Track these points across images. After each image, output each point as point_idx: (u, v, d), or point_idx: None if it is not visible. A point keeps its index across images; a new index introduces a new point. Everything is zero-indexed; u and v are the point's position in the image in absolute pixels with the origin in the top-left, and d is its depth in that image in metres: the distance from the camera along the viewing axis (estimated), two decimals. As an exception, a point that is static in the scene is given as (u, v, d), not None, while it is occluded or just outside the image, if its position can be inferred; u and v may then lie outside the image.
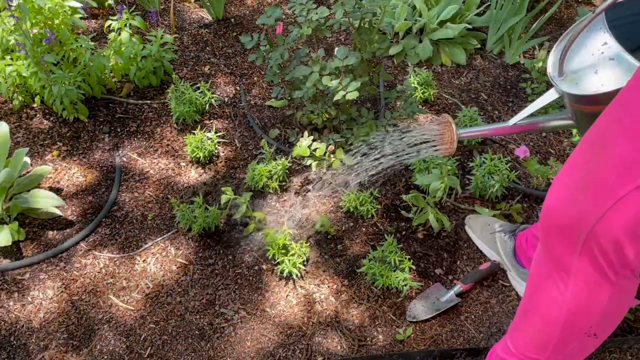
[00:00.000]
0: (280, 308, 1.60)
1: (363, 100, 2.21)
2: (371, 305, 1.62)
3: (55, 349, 1.48)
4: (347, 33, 2.53)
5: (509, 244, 1.66)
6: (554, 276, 1.06)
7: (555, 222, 1.01)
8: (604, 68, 1.13)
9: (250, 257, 1.71)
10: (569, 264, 1.00)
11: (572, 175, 0.99)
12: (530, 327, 1.17)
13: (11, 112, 2.04)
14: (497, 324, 1.59)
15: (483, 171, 1.85)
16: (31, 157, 1.90)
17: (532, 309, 1.15)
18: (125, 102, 2.14)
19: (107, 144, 1.99)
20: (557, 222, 1.00)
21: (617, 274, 0.96)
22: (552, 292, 1.07)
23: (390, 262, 1.64)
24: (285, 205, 1.84)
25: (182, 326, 1.54)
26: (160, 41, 2.11)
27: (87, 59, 1.96)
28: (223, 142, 2.02)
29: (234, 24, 2.54)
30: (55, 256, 1.67)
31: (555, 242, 1.03)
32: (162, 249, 1.71)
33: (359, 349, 1.53)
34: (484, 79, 2.37)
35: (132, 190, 1.86)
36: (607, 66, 1.13)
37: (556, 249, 1.03)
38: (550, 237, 1.04)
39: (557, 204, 1.00)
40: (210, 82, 2.23)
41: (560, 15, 2.78)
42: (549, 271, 1.07)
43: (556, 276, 1.05)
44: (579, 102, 1.18)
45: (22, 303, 1.57)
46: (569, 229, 0.97)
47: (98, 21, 2.46)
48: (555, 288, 1.06)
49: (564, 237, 0.99)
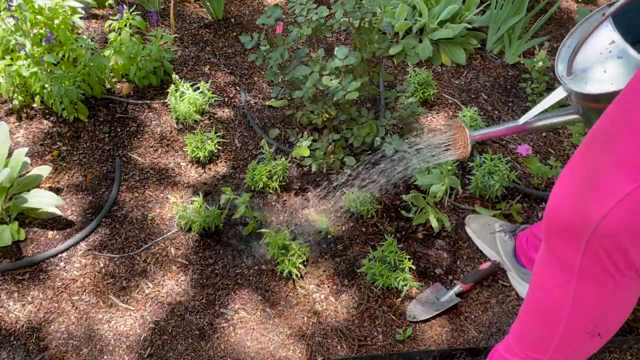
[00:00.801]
0: (280, 308, 1.60)
1: (363, 100, 2.21)
2: (371, 305, 1.62)
3: (55, 349, 1.48)
4: (347, 33, 2.53)
5: (509, 244, 1.66)
6: (558, 276, 1.05)
7: (558, 222, 1.00)
8: (612, 66, 1.13)
9: (250, 257, 1.71)
10: (573, 264, 1.00)
11: (575, 175, 0.98)
12: (532, 326, 1.17)
13: (11, 112, 2.04)
14: (497, 324, 1.59)
15: (483, 171, 1.85)
16: (31, 157, 1.90)
17: (535, 308, 1.15)
18: (125, 102, 2.14)
19: (107, 144, 1.99)
20: (560, 222, 1.00)
21: (622, 274, 0.96)
22: (555, 292, 1.07)
23: (390, 262, 1.64)
24: (285, 205, 1.84)
25: (182, 326, 1.54)
26: (160, 41, 2.11)
27: (87, 59, 1.96)
28: (223, 142, 2.02)
29: (234, 24, 2.54)
30: (55, 256, 1.67)
31: (559, 242, 1.02)
32: (162, 249, 1.71)
33: (359, 349, 1.53)
34: (484, 79, 2.37)
35: (132, 190, 1.86)
36: (615, 64, 1.13)
37: (560, 249, 1.02)
38: (554, 237, 1.03)
39: (560, 204, 1.00)
40: (210, 82, 2.23)
41: (560, 15, 2.78)
42: (552, 271, 1.07)
43: (560, 276, 1.05)
44: (589, 101, 1.18)
45: (22, 303, 1.57)
46: (572, 229, 0.97)
47: (98, 21, 2.46)
48: (559, 288, 1.05)
49: (567, 237, 0.99)
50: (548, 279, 1.09)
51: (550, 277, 1.08)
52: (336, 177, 1.90)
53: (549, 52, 2.49)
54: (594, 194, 0.92)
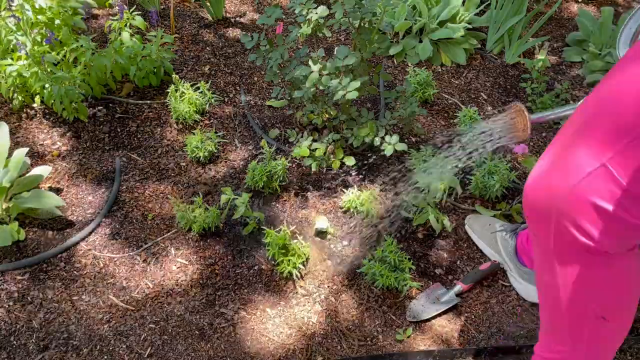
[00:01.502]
0: (280, 308, 1.60)
1: (363, 100, 2.21)
2: (371, 305, 1.62)
3: (55, 349, 1.48)
4: (347, 33, 2.53)
5: (510, 243, 1.66)
6: (543, 260, 1.07)
7: (530, 201, 1.03)
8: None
9: (250, 257, 1.71)
10: (548, 244, 1.01)
11: (548, 155, 1.01)
12: (544, 316, 1.18)
13: (11, 112, 2.04)
14: (497, 324, 1.59)
15: (483, 171, 1.85)
16: (31, 157, 1.90)
17: (541, 297, 1.16)
18: (125, 102, 2.14)
19: (107, 144, 1.99)
20: (532, 201, 1.02)
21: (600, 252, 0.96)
22: (545, 276, 1.08)
23: (390, 262, 1.64)
24: (285, 205, 1.84)
25: (182, 326, 1.54)
26: (160, 41, 2.11)
27: (87, 59, 1.96)
28: (223, 142, 2.02)
29: (234, 24, 2.54)
30: (55, 256, 1.67)
31: (534, 224, 1.05)
32: (162, 249, 1.71)
33: (359, 349, 1.53)
34: (484, 79, 2.37)
35: (132, 190, 1.86)
36: None
37: (537, 231, 1.05)
38: (531, 220, 1.05)
39: (532, 184, 1.02)
40: (210, 82, 2.23)
41: (560, 15, 2.78)
42: (540, 258, 1.09)
43: (544, 260, 1.07)
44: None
45: (22, 303, 1.57)
46: (544, 209, 0.98)
47: (98, 21, 2.46)
48: (547, 272, 1.07)
49: (539, 216, 1.01)
50: (538, 264, 1.11)
51: (539, 262, 1.10)
52: (339, 176, 1.90)
53: (549, 52, 2.49)
54: (561, 173, 0.95)
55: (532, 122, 1.36)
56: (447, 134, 2.04)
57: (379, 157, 1.97)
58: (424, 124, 2.15)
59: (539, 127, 2.15)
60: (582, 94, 2.29)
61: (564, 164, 0.95)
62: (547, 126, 2.16)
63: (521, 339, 1.56)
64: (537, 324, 1.59)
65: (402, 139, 1.87)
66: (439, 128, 2.14)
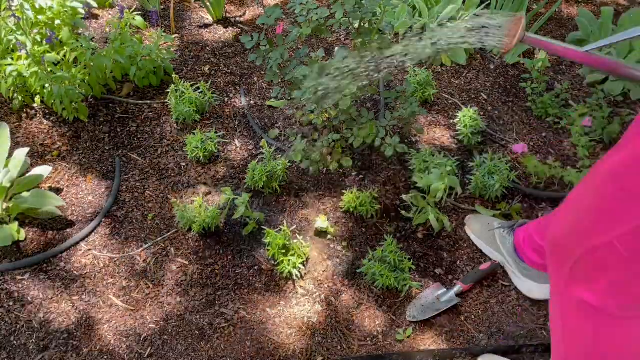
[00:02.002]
0: (280, 308, 1.60)
1: (363, 100, 2.21)
2: (371, 305, 1.62)
3: (55, 349, 1.48)
4: (347, 33, 2.53)
5: (509, 240, 1.66)
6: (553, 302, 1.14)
7: (555, 243, 1.08)
8: None
9: (250, 257, 1.71)
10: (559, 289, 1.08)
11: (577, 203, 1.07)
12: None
13: (11, 112, 2.04)
14: (497, 324, 1.59)
15: (483, 171, 1.85)
16: (31, 157, 1.90)
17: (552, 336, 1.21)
18: (125, 102, 2.14)
19: (107, 144, 1.99)
20: (556, 244, 1.08)
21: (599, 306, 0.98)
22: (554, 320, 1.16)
23: (390, 262, 1.64)
24: (285, 205, 1.84)
25: (182, 326, 1.54)
26: (160, 41, 2.11)
27: (87, 59, 1.96)
28: (223, 142, 2.02)
29: (234, 24, 2.54)
30: (55, 256, 1.67)
31: (552, 266, 1.10)
32: (162, 249, 1.71)
33: (359, 349, 1.53)
34: (484, 79, 2.37)
35: (132, 190, 1.86)
36: None
37: (552, 272, 1.10)
38: (551, 261, 1.11)
39: (560, 226, 1.08)
40: (210, 82, 2.23)
41: (560, 15, 2.78)
42: (551, 298, 1.14)
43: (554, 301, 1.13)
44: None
45: (22, 303, 1.57)
46: (563, 251, 1.04)
47: (98, 21, 2.46)
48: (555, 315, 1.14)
49: (558, 258, 1.06)
50: (550, 305, 1.15)
51: (551, 303, 1.13)
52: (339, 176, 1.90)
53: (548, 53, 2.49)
54: (594, 221, 0.97)
55: (526, 38, 1.30)
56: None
57: (379, 157, 1.97)
58: (424, 124, 2.14)
59: (539, 127, 2.15)
60: (582, 94, 2.29)
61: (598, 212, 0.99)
62: (547, 126, 2.16)
63: (521, 339, 1.56)
64: (537, 323, 1.59)
65: (402, 139, 1.87)
66: (439, 128, 2.14)
